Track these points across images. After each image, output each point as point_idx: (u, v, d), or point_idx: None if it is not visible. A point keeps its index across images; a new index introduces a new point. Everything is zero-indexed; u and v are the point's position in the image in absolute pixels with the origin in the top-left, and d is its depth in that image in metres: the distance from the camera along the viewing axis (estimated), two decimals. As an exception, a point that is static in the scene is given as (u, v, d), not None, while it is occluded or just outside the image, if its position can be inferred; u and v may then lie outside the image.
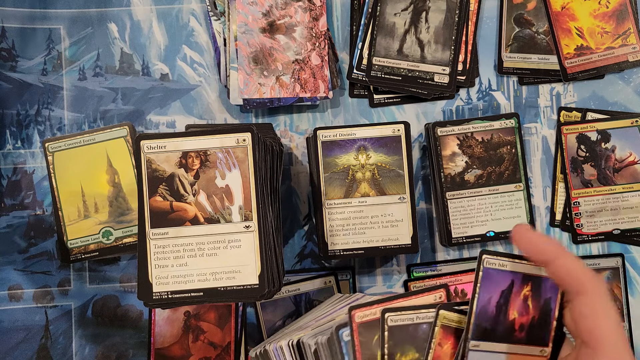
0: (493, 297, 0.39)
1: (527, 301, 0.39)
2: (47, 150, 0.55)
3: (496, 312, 0.39)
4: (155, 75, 0.59)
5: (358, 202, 0.54)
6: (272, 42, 0.57)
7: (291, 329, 0.50)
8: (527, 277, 0.39)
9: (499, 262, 0.39)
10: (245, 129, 0.43)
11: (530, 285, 0.39)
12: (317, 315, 0.49)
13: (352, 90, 0.60)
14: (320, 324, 0.46)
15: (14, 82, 0.58)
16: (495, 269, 0.39)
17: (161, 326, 0.56)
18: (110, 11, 0.59)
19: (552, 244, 0.37)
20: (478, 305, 0.39)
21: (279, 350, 0.45)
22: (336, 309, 0.48)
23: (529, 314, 0.39)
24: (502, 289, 0.39)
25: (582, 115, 0.59)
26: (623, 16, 0.59)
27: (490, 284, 0.39)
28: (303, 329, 0.46)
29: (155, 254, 0.42)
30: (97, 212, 0.55)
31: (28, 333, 0.57)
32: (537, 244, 0.37)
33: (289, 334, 0.47)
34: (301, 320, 0.51)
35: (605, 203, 0.58)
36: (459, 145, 0.57)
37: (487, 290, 0.39)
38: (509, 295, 0.39)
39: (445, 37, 0.58)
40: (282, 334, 0.50)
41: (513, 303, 0.39)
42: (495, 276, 0.39)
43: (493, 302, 0.39)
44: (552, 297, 0.39)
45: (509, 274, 0.39)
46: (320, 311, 0.50)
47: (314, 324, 0.46)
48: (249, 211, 0.43)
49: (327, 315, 0.48)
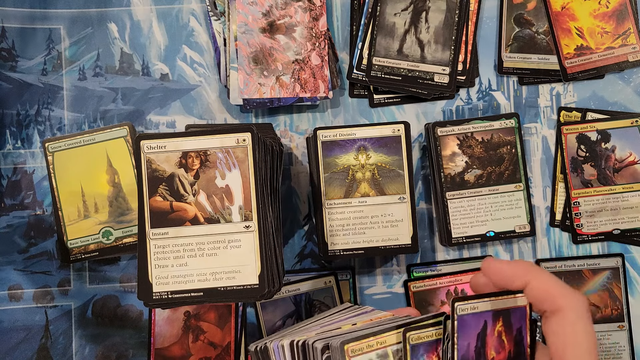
0: (471, 342, 0.38)
1: (502, 337, 0.38)
2: (47, 150, 0.55)
3: (476, 356, 0.38)
4: (155, 75, 0.59)
5: (358, 202, 0.54)
6: (272, 42, 0.57)
7: (294, 329, 0.50)
8: (498, 313, 0.38)
9: (470, 305, 0.38)
10: (245, 129, 0.43)
11: (502, 320, 0.38)
12: (323, 322, 0.49)
13: (352, 90, 0.60)
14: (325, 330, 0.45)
15: (14, 82, 0.58)
16: (469, 313, 0.38)
17: (161, 326, 0.56)
18: (110, 11, 0.59)
19: (522, 268, 0.36)
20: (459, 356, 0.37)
21: (280, 348, 0.44)
22: (342, 319, 0.48)
23: (505, 349, 0.38)
24: (477, 332, 0.38)
25: (582, 115, 0.59)
26: (623, 16, 0.59)
27: (466, 330, 0.37)
28: (307, 331, 0.46)
29: (155, 254, 0.42)
30: (97, 212, 0.55)
31: (28, 333, 0.57)
32: (506, 272, 0.37)
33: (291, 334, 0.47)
34: (304, 323, 0.51)
35: (605, 203, 0.58)
36: (459, 145, 0.57)
37: (464, 338, 0.37)
38: (484, 336, 0.38)
39: (445, 37, 0.58)
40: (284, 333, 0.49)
41: (489, 343, 0.38)
42: (470, 321, 0.38)
43: (472, 347, 0.38)
44: (522, 325, 0.38)
45: (481, 315, 0.38)
46: (327, 318, 0.50)
47: (318, 329, 0.46)
48: (249, 211, 0.43)
49: (333, 323, 0.47)
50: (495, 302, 0.38)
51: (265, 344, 0.47)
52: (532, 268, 0.36)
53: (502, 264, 0.37)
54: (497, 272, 0.37)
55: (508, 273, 0.37)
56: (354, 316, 0.48)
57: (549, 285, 0.35)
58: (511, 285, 0.37)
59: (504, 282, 0.37)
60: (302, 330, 0.48)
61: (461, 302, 0.37)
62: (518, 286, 0.36)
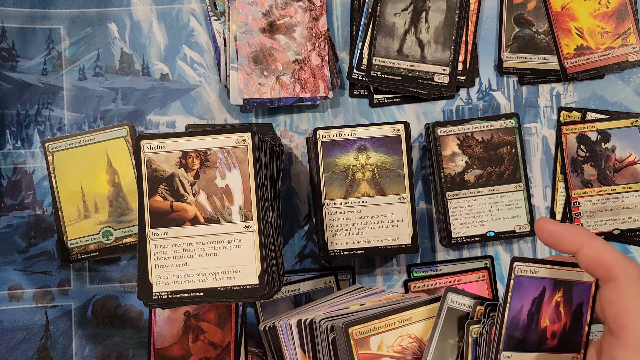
0: (524, 305, 0.37)
1: (559, 307, 0.38)
2: (47, 150, 0.55)
3: (528, 320, 0.37)
4: (155, 75, 0.59)
5: (358, 202, 0.54)
6: (272, 42, 0.57)
7: (302, 309, 0.50)
8: (559, 283, 0.38)
9: (530, 268, 0.37)
10: (245, 129, 0.43)
11: (562, 291, 0.38)
12: (332, 302, 0.49)
13: (352, 90, 0.60)
14: (333, 309, 0.45)
15: (14, 82, 0.58)
16: (527, 276, 0.37)
17: (161, 326, 0.56)
18: (110, 11, 0.59)
19: (576, 233, 0.36)
20: (509, 315, 0.37)
21: (288, 327, 0.44)
22: (352, 299, 0.48)
23: (561, 320, 0.38)
24: (533, 297, 0.37)
25: (582, 115, 0.59)
26: (623, 16, 0.59)
27: (521, 292, 0.37)
28: (315, 311, 0.46)
29: (155, 254, 0.42)
30: (97, 212, 0.55)
31: (28, 333, 0.57)
32: (561, 235, 0.36)
33: (299, 313, 0.47)
34: (313, 303, 0.51)
35: (605, 203, 0.58)
36: (459, 145, 0.57)
37: (518, 299, 0.37)
38: (540, 302, 0.38)
39: (445, 37, 0.58)
40: (293, 313, 0.49)
41: (545, 310, 0.38)
42: (527, 284, 0.37)
43: (525, 310, 0.37)
44: (584, 301, 0.38)
45: (541, 280, 0.37)
46: (336, 298, 0.50)
47: (326, 309, 0.46)
48: (249, 211, 0.43)
49: (341, 303, 0.47)
50: (559, 271, 0.38)
51: (274, 323, 0.47)
52: (586, 234, 0.36)
53: (557, 226, 0.37)
54: (550, 234, 0.37)
55: (561, 236, 0.36)
56: (363, 297, 0.48)
57: (601, 252, 0.35)
58: (563, 248, 0.36)
59: (556, 245, 0.37)
60: (310, 309, 0.48)
61: (521, 262, 0.37)
62: (570, 250, 0.36)
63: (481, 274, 0.58)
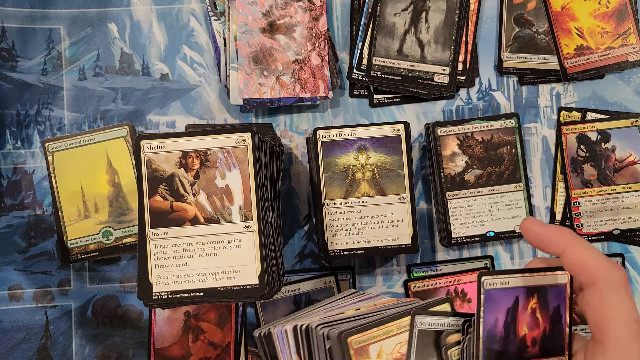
0: (499, 317, 0.37)
1: (536, 314, 0.38)
2: (47, 150, 0.55)
3: (505, 332, 0.37)
4: (155, 75, 0.59)
5: (358, 202, 0.54)
6: (272, 42, 0.57)
7: (297, 315, 0.50)
8: (532, 290, 0.37)
9: (499, 280, 0.37)
10: (245, 129, 0.43)
11: (537, 297, 0.37)
12: (327, 307, 0.49)
13: (352, 90, 0.60)
14: (329, 314, 0.45)
15: (14, 82, 0.58)
16: (497, 288, 0.37)
17: (161, 326, 0.56)
18: (110, 11, 0.59)
19: (560, 235, 0.36)
20: (484, 330, 0.37)
21: (284, 333, 0.44)
22: (347, 304, 0.48)
23: (540, 326, 0.38)
24: (507, 307, 0.37)
25: (582, 115, 0.59)
26: (623, 16, 0.59)
27: (493, 305, 0.37)
28: (311, 316, 0.46)
29: (155, 254, 0.42)
30: (97, 212, 0.55)
31: (28, 333, 0.57)
32: (545, 236, 0.36)
33: (295, 319, 0.47)
34: (308, 308, 0.51)
35: (605, 203, 0.58)
36: (459, 145, 0.57)
37: (491, 312, 0.37)
38: (515, 311, 0.37)
39: (445, 37, 0.58)
40: (288, 319, 0.49)
41: (521, 319, 0.37)
42: (498, 296, 0.37)
43: (500, 322, 0.37)
44: (561, 303, 0.38)
45: (512, 290, 0.37)
46: (331, 303, 0.50)
47: (322, 314, 0.46)
48: (249, 211, 0.43)
49: (337, 308, 0.47)
50: (530, 278, 0.37)
51: (269, 329, 0.46)
52: (570, 236, 0.36)
53: (542, 227, 0.37)
54: (535, 235, 0.37)
55: (546, 238, 0.36)
56: (358, 301, 0.48)
57: (584, 256, 0.35)
58: (548, 250, 0.36)
59: (541, 246, 0.37)
60: (305, 315, 0.48)
61: (489, 276, 0.37)
62: (554, 252, 0.36)
63: (481, 274, 0.58)
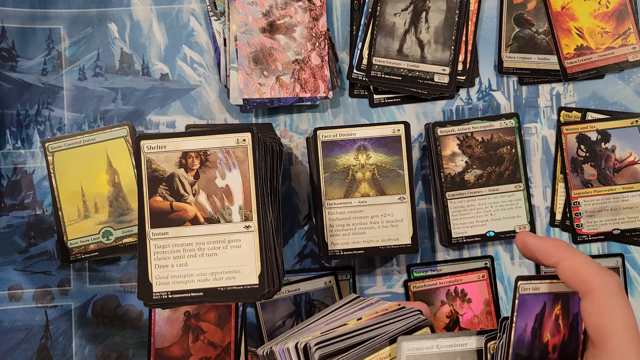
0: (528, 323, 0.37)
1: (558, 320, 0.38)
2: (47, 150, 0.55)
3: (532, 337, 0.37)
4: (155, 75, 0.59)
5: (358, 202, 0.54)
6: (272, 42, 0.57)
7: (299, 329, 0.50)
8: (558, 296, 0.38)
9: (532, 286, 0.37)
10: (245, 129, 0.43)
11: (560, 304, 0.38)
12: (329, 318, 0.48)
13: (352, 90, 0.60)
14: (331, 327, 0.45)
15: (14, 82, 0.58)
16: (530, 294, 0.37)
17: (161, 326, 0.56)
18: (110, 11, 0.59)
19: (554, 247, 0.36)
20: (515, 335, 0.37)
21: (286, 352, 0.44)
22: (348, 313, 0.48)
23: (560, 332, 0.38)
24: (536, 313, 0.37)
25: (582, 115, 0.59)
26: (623, 16, 0.59)
27: (525, 310, 0.37)
28: (312, 331, 0.46)
29: (155, 254, 0.42)
30: (97, 212, 0.55)
31: (28, 333, 0.57)
32: (540, 249, 0.37)
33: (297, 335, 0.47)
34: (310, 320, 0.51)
35: (605, 203, 0.58)
36: (459, 145, 0.57)
37: (522, 317, 0.37)
38: (542, 318, 0.37)
39: (445, 37, 0.58)
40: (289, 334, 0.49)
41: (546, 325, 0.38)
42: (530, 301, 0.37)
43: (528, 328, 0.37)
44: (579, 311, 0.38)
45: (542, 296, 0.37)
46: (332, 313, 0.50)
47: (324, 327, 0.46)
48: (249, 211, 0.43)
49: (338, 319, 0.47)
50: (557, 284, 0.37)
51: (271, 348, 0.46)
52: (565, 247, 0.36)
53: (536, 240, 0.37)
54: (530, 248, 0.37)
55: (540, 250, 0.37)
56: (360, 309, 0.48)
57: (579, 265, 0.35)
58: (543, 262, 0.37)
59: (536, 258, 0.37)
60: (307, 329, 0.48)
61: (524, 281, 0.37)
62: (549, 264, 0.36)
63: (481, 274, 0.58)
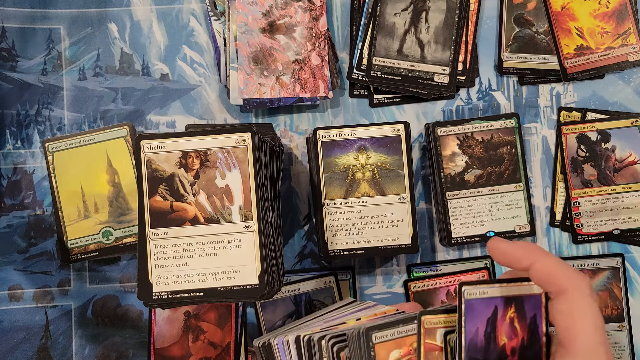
0: (479, 327, 0.38)
1: (514, 323, 0.38)
2: (47, 150, 0.55)
3: (485, 341, 0.38)
4: (155, 75, 0.59)
5: (358, 202, 0.54)
6: (272, 42, 0.57)
7: (297, 325, 0.50)
8: (510, 299, 0.38)
9: (478, 290, 0.38)
10: (245, 129, 0.43)
11: (514, 307, 0.38)
12: (327, 317, 0.49)
13: (352, 90, 0.60)
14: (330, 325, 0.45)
15: (14, 82, 0.58)
16: (477, 298, 0.38)
17: (161, 326, 0.56)
18: (110, 11, 0.59)
19: (526, 250, 0.37)
20: (466, 340, 0.37)
21: (285, 344, 0.44)
22: (347, 313, 0.48)
23: (518, 335, 0.38)
24: (487, 317, 0.38)
25: (582, 115, 0.59)
26: (623, 16, 0.59)
27: (474, 314, 0.38)
28: (311, 327, 0.46)
29: (155, 254, 0.42)
30: (97, 212, 0.55)
31: (28, 333, 0.57)
32: (512, 253, 0.37)
33: (296, 329, 0.47)
34: (307, 318, 0.51)
35: (605, 203, 0.58)
36: (459, 145, 0.57)
37: (472, 322, 0.37)
38: (494, 321, 0.38)
39: (445, 37, 0.58)
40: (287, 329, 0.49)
41: (500, 328, 0.38)
42: (478, 306, 0.38)
43: (480, 332, 0.38)
44: (537, 313, 0.38)
45: (491, 300, 0.38)
46: (330, 313, 0.50)
47: (322, 324, 0.46)
48: (249, 211, 0.43)
49: (336, 318, 0.47)
50: (507, 288, 0.38)
51: (269, 340, 0.46)
52: (536, 250, 0.36)
53: (507, 245, 0.38)
54: (502, 253, 0.38)
55: (512, 254, 0.37)
56: (357, 311, 0.48)
57: (552, 267, 0.36)
58: (516, 266, 0.37)
59: (509, 263, 0.37)
60: (305, 326, 0.48)
61: (469, 286, 0.37)
62: (522, 267, 0.37)
63: (481, 274, 0.58)
